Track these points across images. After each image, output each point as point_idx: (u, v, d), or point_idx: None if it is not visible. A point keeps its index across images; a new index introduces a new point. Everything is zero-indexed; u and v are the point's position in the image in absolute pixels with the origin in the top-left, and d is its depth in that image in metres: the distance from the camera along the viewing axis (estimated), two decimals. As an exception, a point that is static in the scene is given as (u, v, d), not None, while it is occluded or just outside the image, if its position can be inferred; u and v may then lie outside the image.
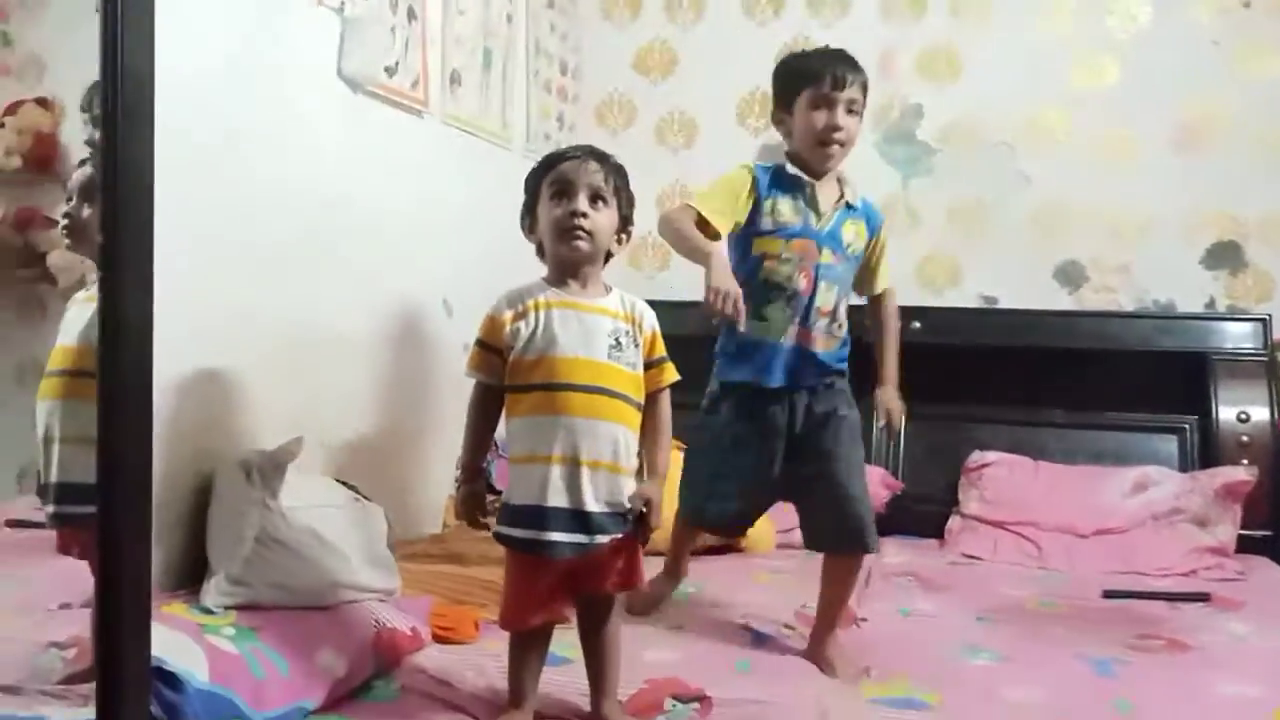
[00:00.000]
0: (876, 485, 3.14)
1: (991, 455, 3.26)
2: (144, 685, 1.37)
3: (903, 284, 3.50)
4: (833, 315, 2.15)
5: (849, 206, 2.17)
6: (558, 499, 1.70)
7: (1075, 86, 3.46)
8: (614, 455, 1.74)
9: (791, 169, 2.14)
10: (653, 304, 3.73)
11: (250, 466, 1.92)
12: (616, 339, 1.76)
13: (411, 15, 2.58)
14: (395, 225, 2.59)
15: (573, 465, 1.71)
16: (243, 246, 2.08)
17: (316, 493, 2.10)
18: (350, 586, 1.99)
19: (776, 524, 3.09)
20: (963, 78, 3.55)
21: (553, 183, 1.77)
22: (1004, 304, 3.53)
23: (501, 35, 3.09)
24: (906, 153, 3.60)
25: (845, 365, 2.20)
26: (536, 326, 1.74)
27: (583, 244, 1.75)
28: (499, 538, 1.76)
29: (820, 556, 2.15)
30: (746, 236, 2.14)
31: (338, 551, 1.98)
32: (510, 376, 1.75)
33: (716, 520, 2.33)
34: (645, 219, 3.76)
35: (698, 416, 2.24)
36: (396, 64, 2.52)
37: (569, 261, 1.77)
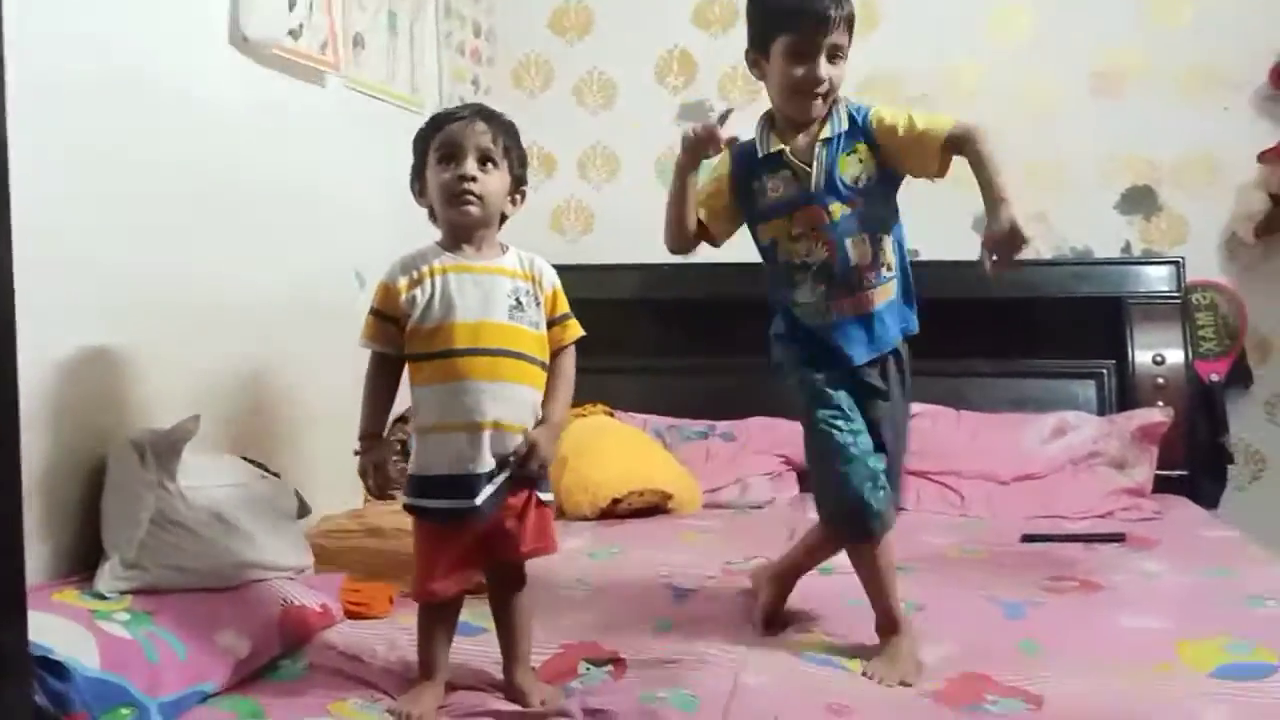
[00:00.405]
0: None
1: (916, 407, 3.26)
2: (25, 675, 1.33)
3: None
4: (875, 263, 1.89)
5: (828, 141, 1.86)
6: (469, 465, 1.68)
7: (990, 38, 3.47)
8: (522, 417, 1.73)
9: (760, 141, 1.91)
10: (578, 268, 3.73)
11: (144, 447, 1.86)
12: (517, 299, 1.74)
13: (311, -25, 2.50)
14: (300, 193, 2.52)
15: (481, 430, 1.68)
16: (135, 215, 2.01)
17: (220, 472, 2.06)
18: (254, 565, 1.95)
19: (704, 483, 3.11)
20: (879, 30, 3.53)
21: (440, 146, 1.72)
22: (924, 257, 3.53)
23: (407, -2, 3.02)
24: (825, 107, 3.57)
25: (909, 305, 1.99)
26: (433, 292, 1.71)
27: (473, 209, 1.72)
28: (410, 509, 1.74)
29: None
30: (753, 225, 1.97)
31: (240, 531, 1.94)
32: (410, 345, 1.72)
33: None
34: (569, 184, 3.76)
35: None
36: (300, 26, 2.44)
37: (460, 226, 1.74)
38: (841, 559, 2.06)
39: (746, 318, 2.29)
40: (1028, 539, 2.66)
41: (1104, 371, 3.30)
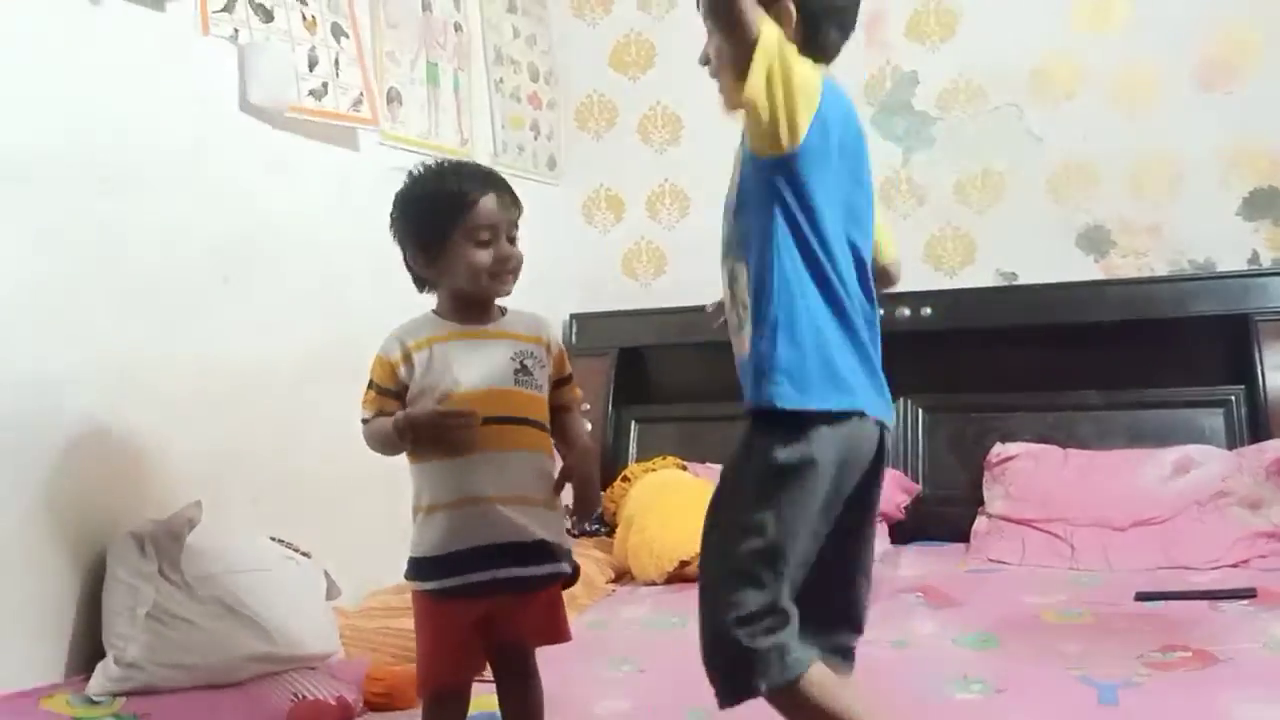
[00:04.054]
0: (892, 489, 2.91)
1: (1014, 447, 2.99)
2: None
3: (911, 266, 3.27)
4: (734, 303, 1.45)
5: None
6: (480, 538, 1.58)
7: (1080, 30, 3.16)
8: (532, 486, 1.63)
9: None
10: (651, 312, 3.58)
11: (143, 538, 1.80)
12: (523, 363, 1.65)
13: (339, 32, 2.44)
14: (330, 252, 2.44)
15: (492, 502, 1.59)
16: (140, 285, 1.97)
17: (241, 556, 1.98)
18: (266, 658, 1.85)
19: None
20: (957, 36, 3.28)
21: (475, 228, 1.60)
22: (1024, 280, 3.25)
23: (449, 46, 2.94)
24: (905, 124, 3.34)
25: (769, 376, 1.37)
26: (432, 363, 1.62)
27: (512, 284, 1.65)
28: (415, 594, 1.62)
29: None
30: None
31: (251, 621, 1.86)
32: None
33: None
34: (639, 224, 3.62)
35: None
36: (325, 85, 2.38)
37: (488, 298, 1.66)
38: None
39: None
40: (1142, 597, 2.36)
41: (1232, 399, 2.94)
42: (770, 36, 1.32)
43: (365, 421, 1.63)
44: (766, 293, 1.37)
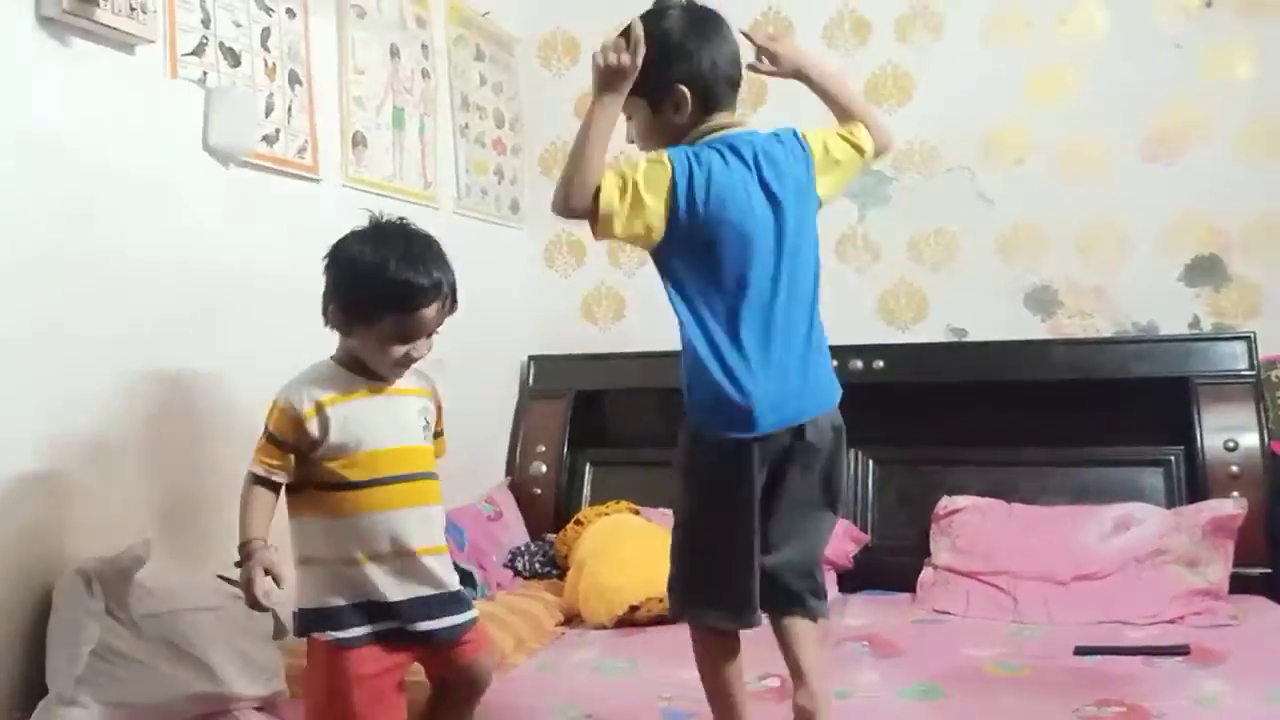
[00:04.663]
0: (841, 538, 2.95)
1: (962, 500, 3.04)
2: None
3: (865, 321, 3.38)
4: None
5: None
6: (400, 592, 1.65)
7: (1033, 101, 3.26)
8: (440, 537, 1.71)
9: None
10: (609, 356, 3.61)
11: (90, 575, 1.79)
12: (425, 419, 1.73)
13: (294, 80, 2.47)
14: (292, 295, 2.44)
15: (418, 555, 1.66)
16: (96, 323, 1.96)
17: (188, 595, 1.97)
18: (210, 697, 1.84)
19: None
20: (913, 100, 3.37)
21: (401, 328, 1.64)
22: (973, 336, 3.32)
23: (416, 92, 2.98)
24: (860, 183, 3.40)
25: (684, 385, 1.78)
26: (348, 422, 1.65)
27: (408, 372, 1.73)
28: (332, 643, 1.64)
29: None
30: None
31: (197, 660, 1.85)
32: (319, 474, 1.65)
33: None
34: (599, 270, 3.66)
35: None
36: (277, 131, 2.40)
37: (379, 374, 1.71)
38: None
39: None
40: (1081, 651, 2.40)
41: (1171, 459, 3.01)
42: (608, 191, 1.69)
43: (257, 478, 1.64)
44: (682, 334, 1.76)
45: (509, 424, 3.58)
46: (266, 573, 1.60)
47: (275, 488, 1.65)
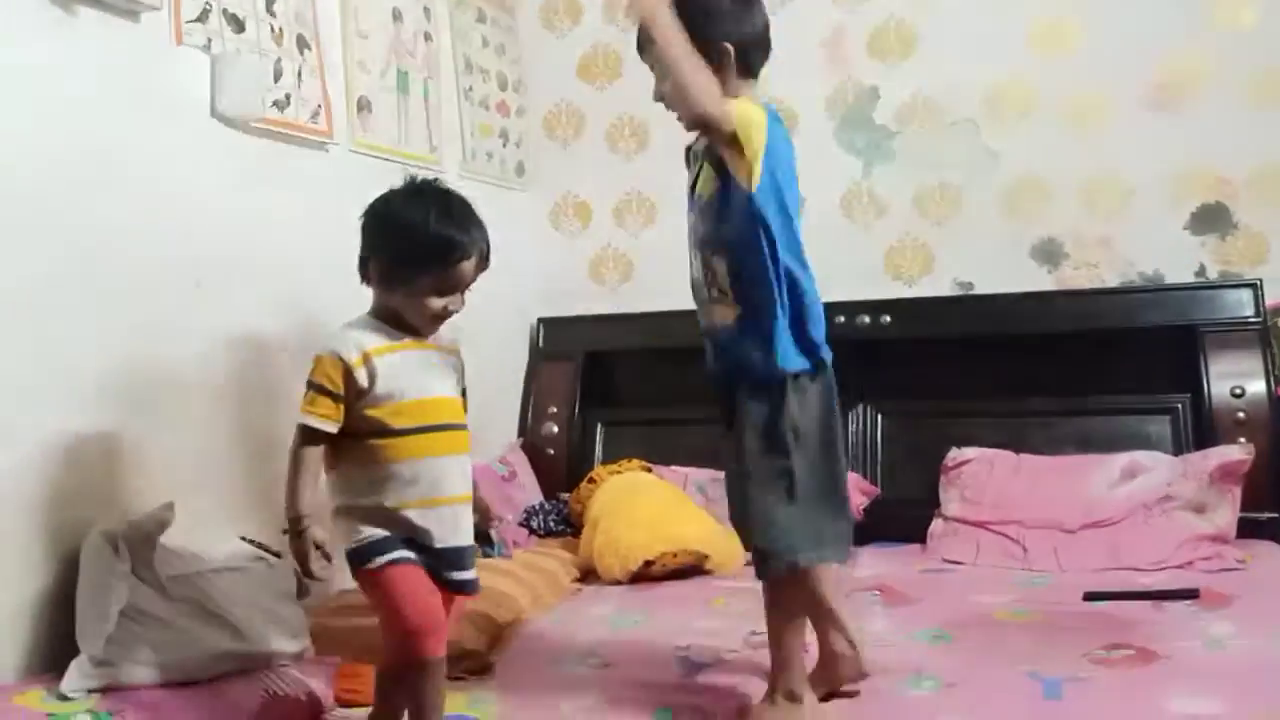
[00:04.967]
0: (851, 491, 2.96)
1: (970, 452, 3.07)
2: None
3: (871, 277, 3.39)
4: (708, 281, 1.85)
5: (696, 152, 1.89)
6: (444, 539, 1.68)
7: (1035, 52, 3.25)
8: (470, 487, 1.76)
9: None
10: (617, 317, 3.64)
11: (116, 537, 1.82)
12: (456, 374, 1.77)
13: (303, 45, 2.47)
14: (303, 259, 2.47)
15: (454, 504, 1.70)
16: (116, 290, 1.99)
17: (213, 556, 2.01)
18: (236, 655, 1.88)
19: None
20: (917, 54, 3.36)
21: (443, 282, 1.68)
22: (979, 290, 3.34)
23: (419, 55, 2.98)
24: (866, 138, 3.42)
25: (756, 340, 1.81)
26: (396, 371, 1.68)
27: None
28: (388, 564, 1.64)
29: None
30: None
31: (223, 620, 1.89)
32: (363, 424, 1.67)
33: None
34: (606, 232, 3.67)
35: None
36: (288, 96, 2.41)
37: (417, 330, 1.74)
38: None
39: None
40: (1090, 597, 2.44)
41: (1178, 407, 3.03)
42: (745, 114, 1.72)
43: (308, 431, 1.65)
44: (744, 293, 1.81)
45: (520, 386, 3.60)
46: (317, 548, 1.63)
47: (323, 442, 1.66)
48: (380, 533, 1.65)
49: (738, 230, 1.78)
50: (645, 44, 1.81)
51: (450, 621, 1.74)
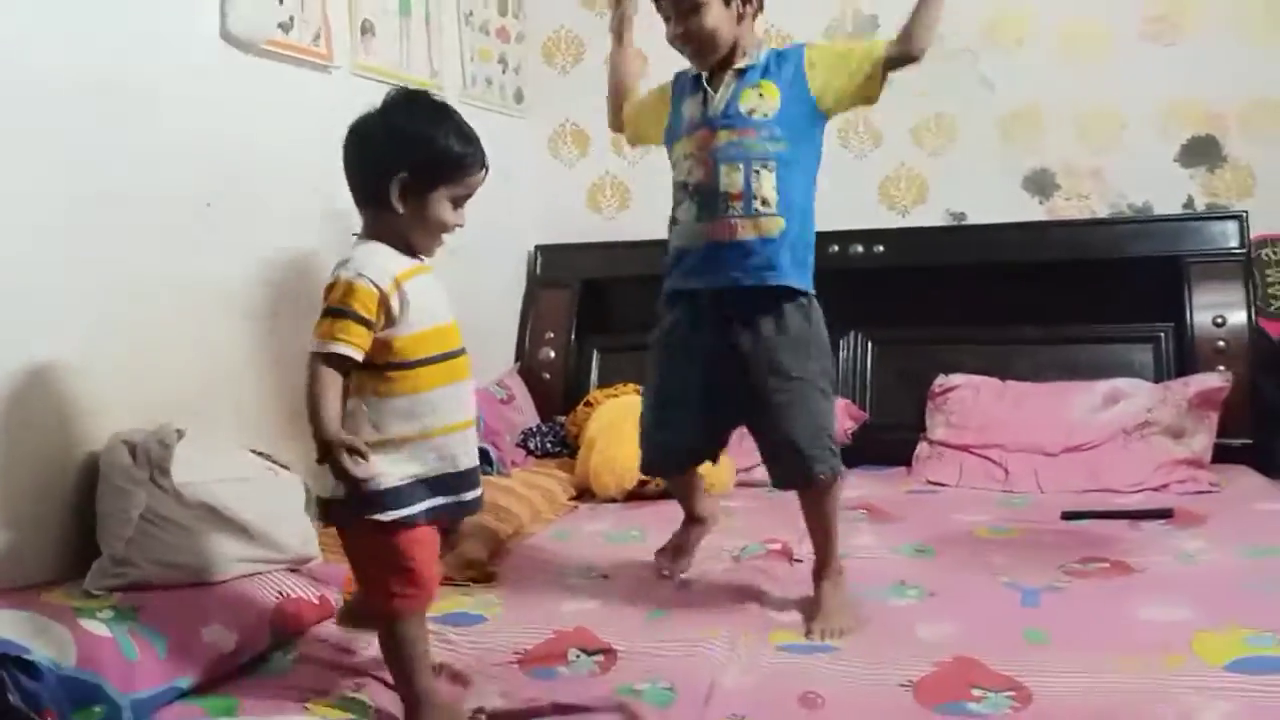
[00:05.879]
0: (841, 416, 3.05)
1: (957, 378, 3.15)
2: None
3: (865, 207, 3.43)
4: (747, 196, 1.92)
5: (743, 73, 1.97)
6: (467, 460, 1.68)
7: (1035, -18, 3.27)
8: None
9: (693, 70, 2.04)
10: (615, 245, 3.68)
11: (134, 445, 1.89)
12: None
13: (306, -34, 2.49)
14: (305, 182, 2.51)
15: (471, 426, 1.70)
16: (129, 211, 2.03)
17: (222, 466, 2.07)
18: (249, 559, 1.96)
19: (736, 461, 3.03)
20: (915, -17, 3.36)
21: (458, 192, 1.65)
22: (972, 219, 3.39)
23: (421, -22, 2.99)
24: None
25: (792, 264, 1.94)
26: (421, 296, 1.63)
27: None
28: (395, 523, 1.59)
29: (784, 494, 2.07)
30: (670, 145, 2.09)
31: (236, 525, 1.96)
32: (388, 352, 1.60)
33: (664, 456, 2.16)
34: (603, 160, 3.70)
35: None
36: (291, 19, 2.43)
37: (421, 251, 1.69)
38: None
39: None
40: (1068, 516, 2.53)
41: (1161, 335, 3.10)
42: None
43: (332, 358, 1.55)
44: (788, 208, 1.94)
45: (517, 312, 3.66)
46: (352, 452, 1.55)
47: (346, 369, 1.58)
48: (406, 478, 1.59)
49: (796, 147, 1.95)
50: None
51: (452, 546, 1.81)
